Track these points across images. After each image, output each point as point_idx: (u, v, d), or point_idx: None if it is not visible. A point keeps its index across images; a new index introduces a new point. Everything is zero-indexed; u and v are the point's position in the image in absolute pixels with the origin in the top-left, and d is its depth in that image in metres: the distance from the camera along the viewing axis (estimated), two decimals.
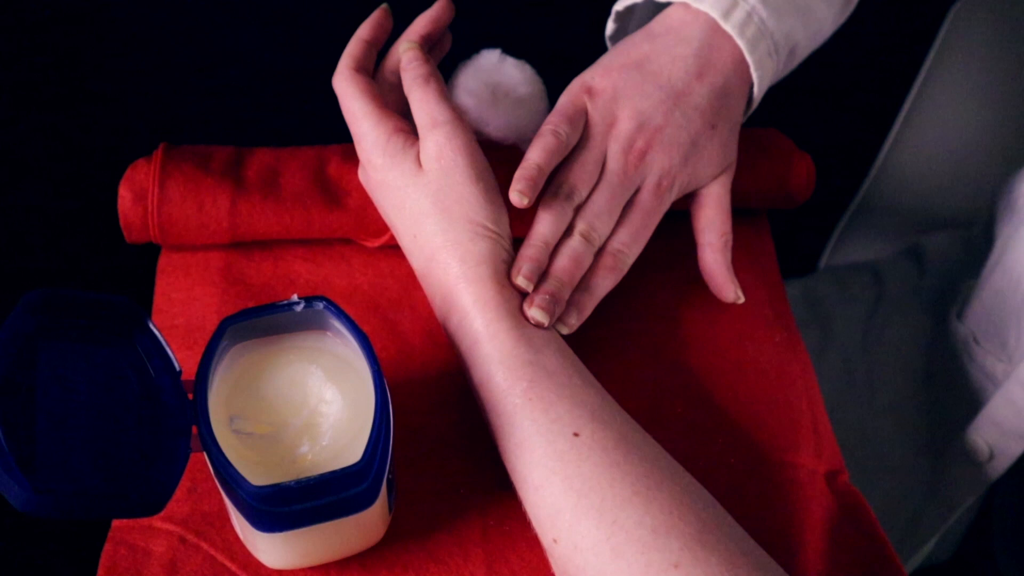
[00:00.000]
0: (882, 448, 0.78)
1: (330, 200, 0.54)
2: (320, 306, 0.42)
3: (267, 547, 0.41)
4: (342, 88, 0.51)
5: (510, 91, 0.54)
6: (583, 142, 0.51)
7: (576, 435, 0.42)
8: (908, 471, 0.76)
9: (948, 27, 0.80)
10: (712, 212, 0.53)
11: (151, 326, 0.40)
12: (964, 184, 0.88)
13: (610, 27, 0.58)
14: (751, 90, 0.53)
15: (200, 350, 0.40)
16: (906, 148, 0.88)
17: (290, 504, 0.38)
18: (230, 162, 0.55)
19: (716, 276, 0.53)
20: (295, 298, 0.42)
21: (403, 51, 0.52)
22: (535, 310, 0.46)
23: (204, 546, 0.44)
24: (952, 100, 0.84)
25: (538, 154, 0.49)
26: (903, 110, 0.86)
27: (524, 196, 0.48)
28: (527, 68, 0.56)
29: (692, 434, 0.50)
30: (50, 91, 0.69)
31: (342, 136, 0.55)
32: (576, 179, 0.50)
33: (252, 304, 0.46)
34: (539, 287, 0.48)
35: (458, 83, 0.54)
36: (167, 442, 0.38)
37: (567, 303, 0.49)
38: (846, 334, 0.84)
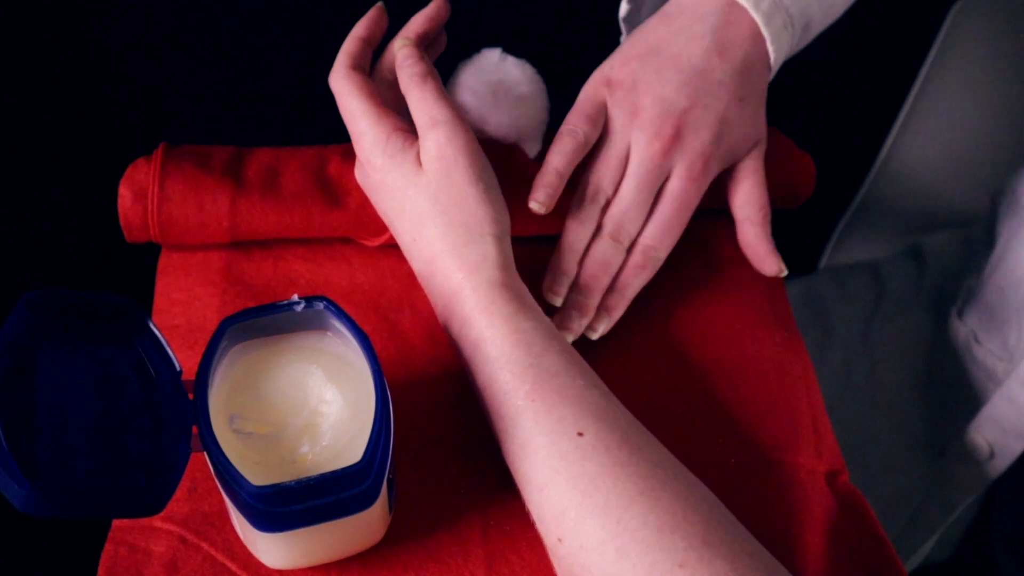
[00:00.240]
0: (882, 448, 0.78)
1: (330, 199, 0.54)
2: (320, 306, 0.42)
3: (267, 547, 0.41)
4: (339, 86, 0.51)
5: (511, 90, 0.54)
6: (604, 137, 0.50)
7: (580, 435, 0.41)
8: (908, 471, 0.77)
9: (948, 27, 0.80)
10: (749, 186, 0.53)
11: (151, 326, 0.40)
12: (964, 184, 0.88)
13: (623, 8, 0.57)
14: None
15: (200, 350, 0.40)
16: (906, 148, 0.88)
17: (290, 504, 0.38)
18: (230, 162, 0.55)
19: (758, 250, 0.53)
20: (295, 298, 0.42)
21: (398, 48, 0.51)
22: (566, 333, 0.50)
23: (204, 546, 0.44)
24: (952, 100, 0.84)
25: (556, 158, 0.49)
26: (903, 110, 0.86)
27: (543, 206, 0.49)
28: (527, 67, 0.56)
29: (692, 434, 0.50)
30: (50, 91, 0.69)
31: (342, 136, 0.55)
32: (599, 177, 0.50)
33: (252, 304, 0.46)
34: (568, 300, 0.49)
35: (459, 82, 0.54)
36: (167, 442, 0.38)
37: (599, 308, 0.50)
38: (846, 334, 0.84)
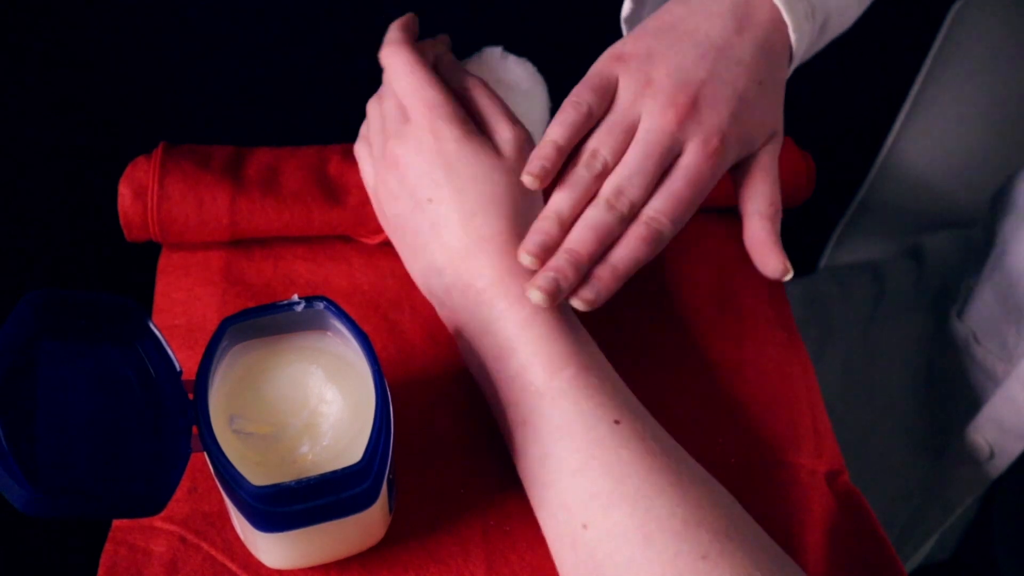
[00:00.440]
0: (882, 448, 0.78)
1: (330, 197, 0.54)
2: (320, 306, 0.42)
3: (267, 547, 0.41)
4: (401, 56, 0.49)
5: (512, 88, 0.54)
6: (612, 107, 0.47)
7: (617, 423, 0.42)
8: (908, 471, 0.76)
9: (948, 27, 0.80)
10: (762, 180, 0.49)
11: (151, 326, 0.40)
12: (964, 184, 0.88)
13: (626, 7, 0.55)
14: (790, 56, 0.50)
15: (200, 350, 0.40)
16: (906, 148, 0.88)
17: (290, 504, 0.37)
18: (230, 160, 0.55)
19: (765, 246, 0.48)
20: (295, 298, 0.42)
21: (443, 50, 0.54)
22: (533, 291, 0.43)
23: (204, 546, 0.44)
24: (952, 100, 0.84)
25: (555, 129, 0.46)
26: (903, 110, 0.86)
27: (536, 179, 0.45)
28: (528, 65, 0.56)
29: (692, 434, 0.50)
30: (50, 91, 0.69)
31: (342, 136, 0.55)
32: (598, 143, 0.46)
33: (252, 304, 0.46)
34: (549, 263, 0.44)
35: None
36: (167, 442, 0.38)
37: (587, 278, 0.44)
38: (846, 334, 0.84)
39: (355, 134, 0.54)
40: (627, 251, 0.45)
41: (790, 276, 0.48)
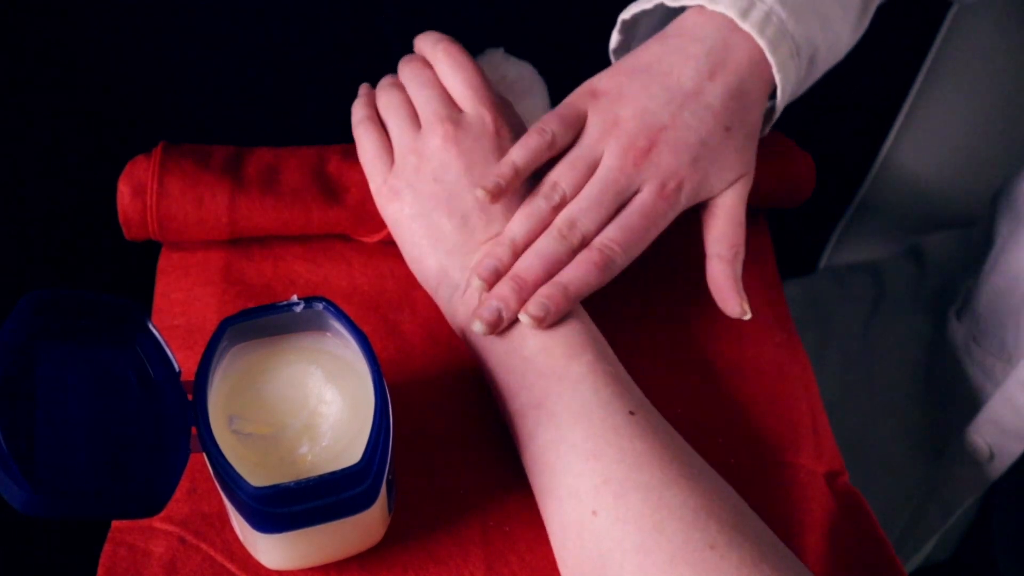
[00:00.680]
0: (882, 448, 0.78)
1: (329, 195, 0.54)
2: (320, 307, 0.42)
3: (267, 548, 0.41)
4: (458, 46, 0.52)
5: (512, 89, 0.54)
6: (577, 142, 0.49)
7: (632, 413, 0.43)
8: (908, 471, 0.76)
9: (948, 27, 0.80)
10: (723, 223, 0.50)
11: (151, 326, 0.40)
12: (964, 184, 0.88)
13: (614, 40, 0.55)
14: (771, 99, 0.51)
15: (200, 350, 0.40)
16: (906, 148, 0.88)
17: (289, 505, 0.38)
18: (230, 159, 0.55)
19: (723, 289, 0.50)
20: (295, 299, 0.42)
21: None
22: (476, 322, 0.45)
23: (204, 547, 0.44)
24: (952, 100, 0.84)
25: (516, 151, 0.47)
26: (903, 110, 0.86)
27: (489, 195, 0.46)
28: (529, 67, 0.56)
29: (692, 434, 0.50)
30: (49, 91, 0.69)
31: (342, 136, 0.55)
32: (559, 176, 0.48)
33: (252, 304, 0.46)
34: (494, 290, 0.46)
35: None
36: (167, 443, 0.38)
37: (536, 297, 0.46)
38: (846, 334, 0.84)
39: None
40: (579, 273, 0.46)
41: (748, 317, 0.50)
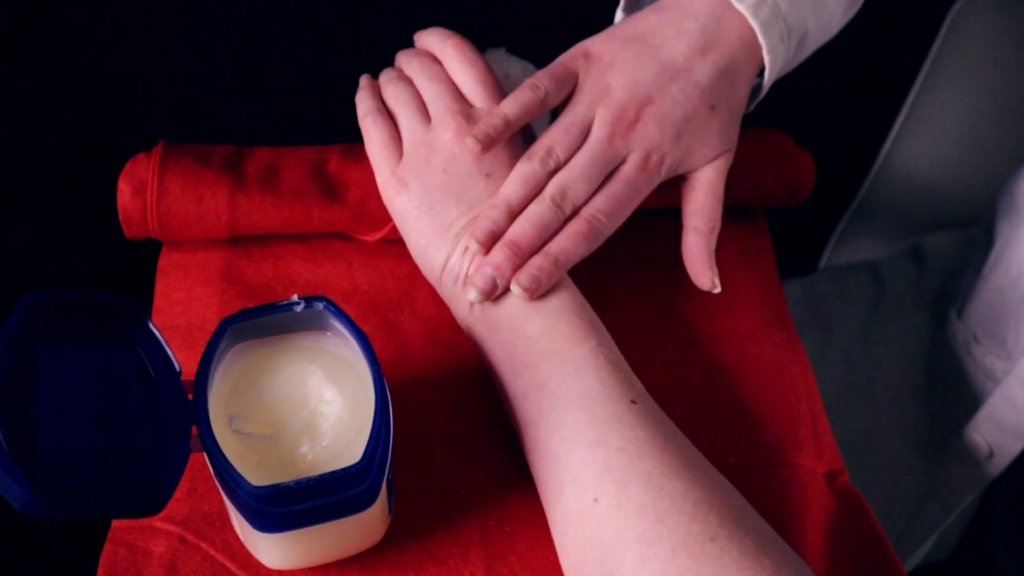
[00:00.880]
0: (882, 448, 0.78)
1: (329, 194, 0.54)
2: (320, 306, 0.42)
3: (267, 547, 0.41)
4: (468, 44, 0.53)
5: (514, 88, 0.54)
6: (570, 106, 0.50)
7: (633, 403, 0.43)
8: (908, 470, 0.77)
9: (948, 27, 0.80)
10: (703, 197, 0.52)
11: (151, 326, 0.40)
12: (964, 184, 0.88)
13: (619, 16, 0.56)
14: (758, 77, 0.52)
15: (200, 350, 0.40)
16: (906, 148, 0.88)
17: (290, 504, 0.38)
18: (230, 158, 0.55)
19: (696, 261, 0.52)
20: (295, 298, 0.42)
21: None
22: (471, 289, 0.46)
23: (204, 546, 0.44)
24: (952, 100, 0.84)
25: (508, 103, 0.49)
26: (903, 110, 0.86)
27: (478, 144, 0.47)
28: (530, 67, 0.56)
29: (692, 434, 0.50)
30: (49, 91, 0.69)
31: (342, 136, 0.55)
32: (554, 141, 0.49)
33: (252, 304, 0.46)
34: (488, 257, 0.47)
35: None
36: (167, 442, 0.38)
37: (527, 267, 0.47)
38: (846, 334, 0.84)
39: (355, 134, 0.54)
40: (568, 244, 0.48)
41: (717, 290, 0.51)
